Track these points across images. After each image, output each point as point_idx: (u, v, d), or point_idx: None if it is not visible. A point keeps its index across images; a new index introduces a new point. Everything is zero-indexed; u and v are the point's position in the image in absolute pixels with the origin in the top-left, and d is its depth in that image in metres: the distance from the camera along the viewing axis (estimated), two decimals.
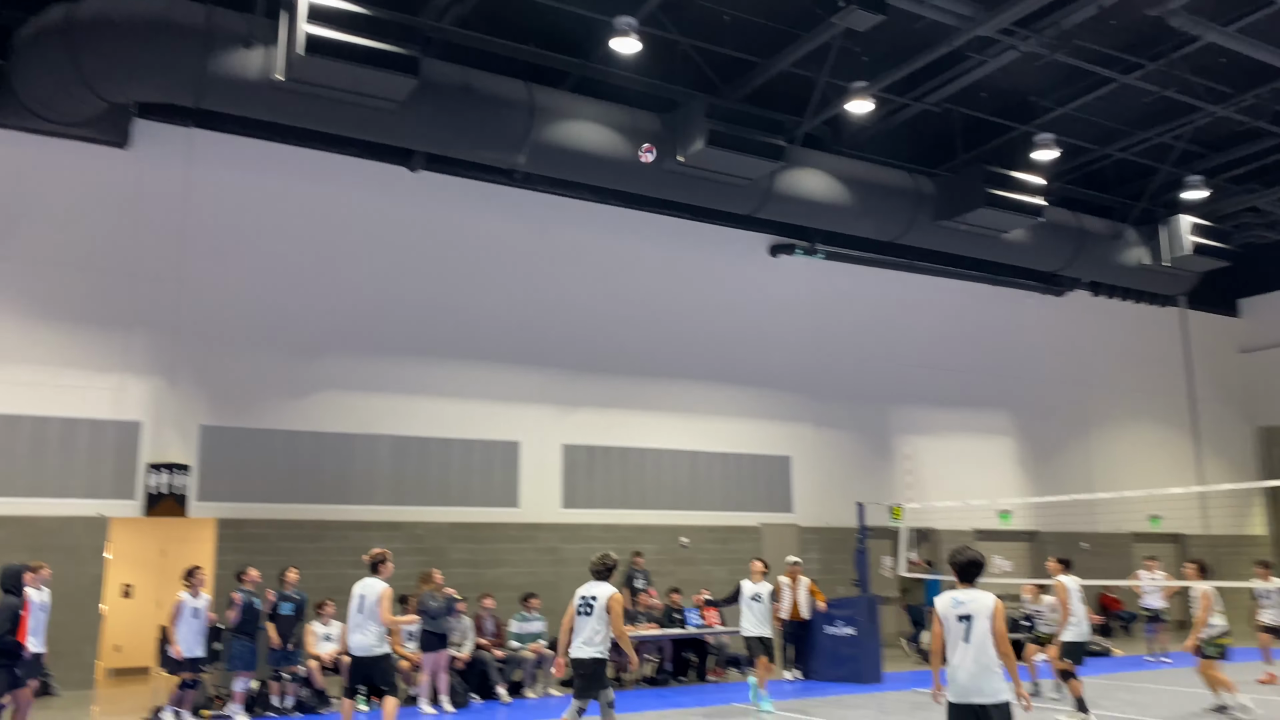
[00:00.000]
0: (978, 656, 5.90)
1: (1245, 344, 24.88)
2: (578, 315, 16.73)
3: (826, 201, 16.70)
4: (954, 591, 6.16)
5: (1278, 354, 24.11)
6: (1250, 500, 23.96)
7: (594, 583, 8.18)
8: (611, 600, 7.97)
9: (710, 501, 17.37)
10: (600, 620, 7.93)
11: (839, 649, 13.86)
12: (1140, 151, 18.74)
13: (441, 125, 13.81)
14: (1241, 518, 23.69)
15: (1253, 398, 24.59)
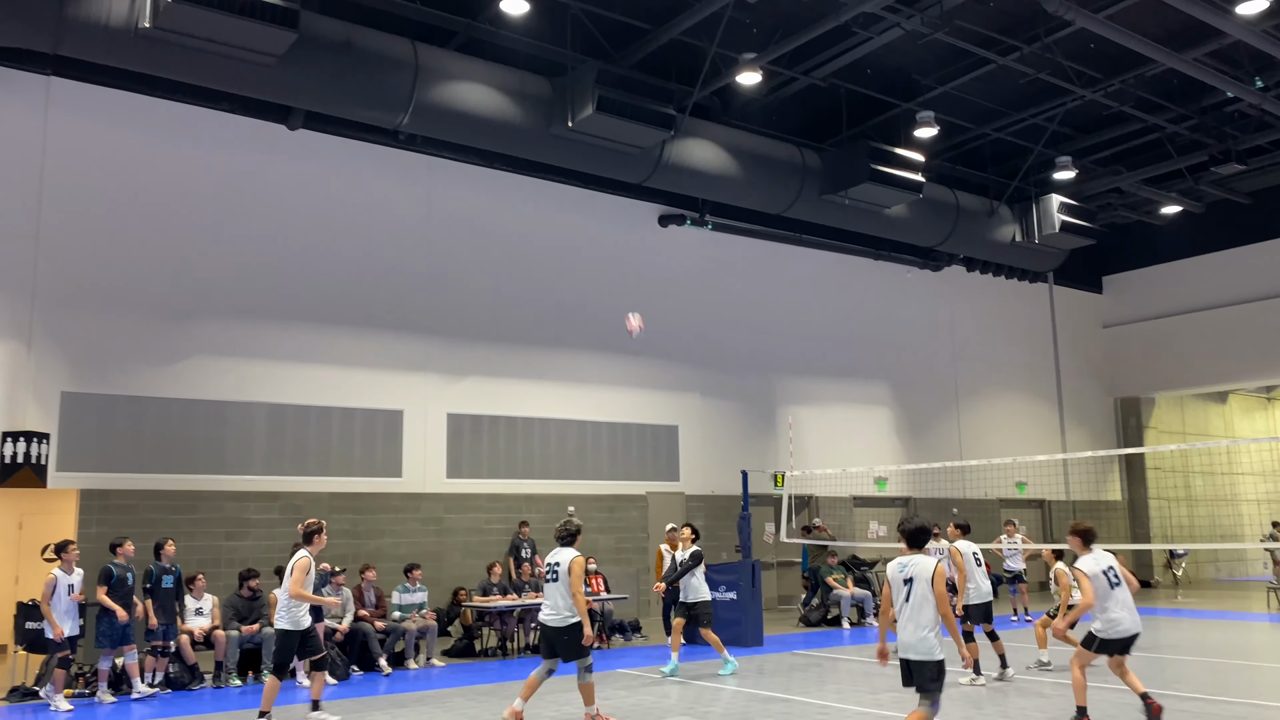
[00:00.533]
0: (914, 616, 6.36)
1: (1107, 319, 26.21)
2: (464, 282, 16.45)
3: (716, 172, 16.80)
4: (902, 556, 6.58)
5: (1136, 329, 25.49)
6: (1109, 468, 25.36)
7: (559, 549, 8.50)
8: (573, 564, 8.27)
9: (598, 471, 17.41)
10: (567, 585, 8.24)
11: (721, 614, 14.08)
12: (1015, 132, 19.41)
13: (322, 82, 13.30)
14: (1100, 484, 25.06)
15: (1112, 370, 25.96)
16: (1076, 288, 25.79)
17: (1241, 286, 23.59)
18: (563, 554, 8.40)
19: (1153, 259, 25.30)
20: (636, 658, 12.93)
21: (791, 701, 9.45)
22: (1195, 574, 25.60)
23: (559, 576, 8.29)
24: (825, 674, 11.16)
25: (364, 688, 10.87)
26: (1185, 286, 24.62)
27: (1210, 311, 23.95)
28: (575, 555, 8.37)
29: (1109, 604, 7.80)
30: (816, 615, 16.89)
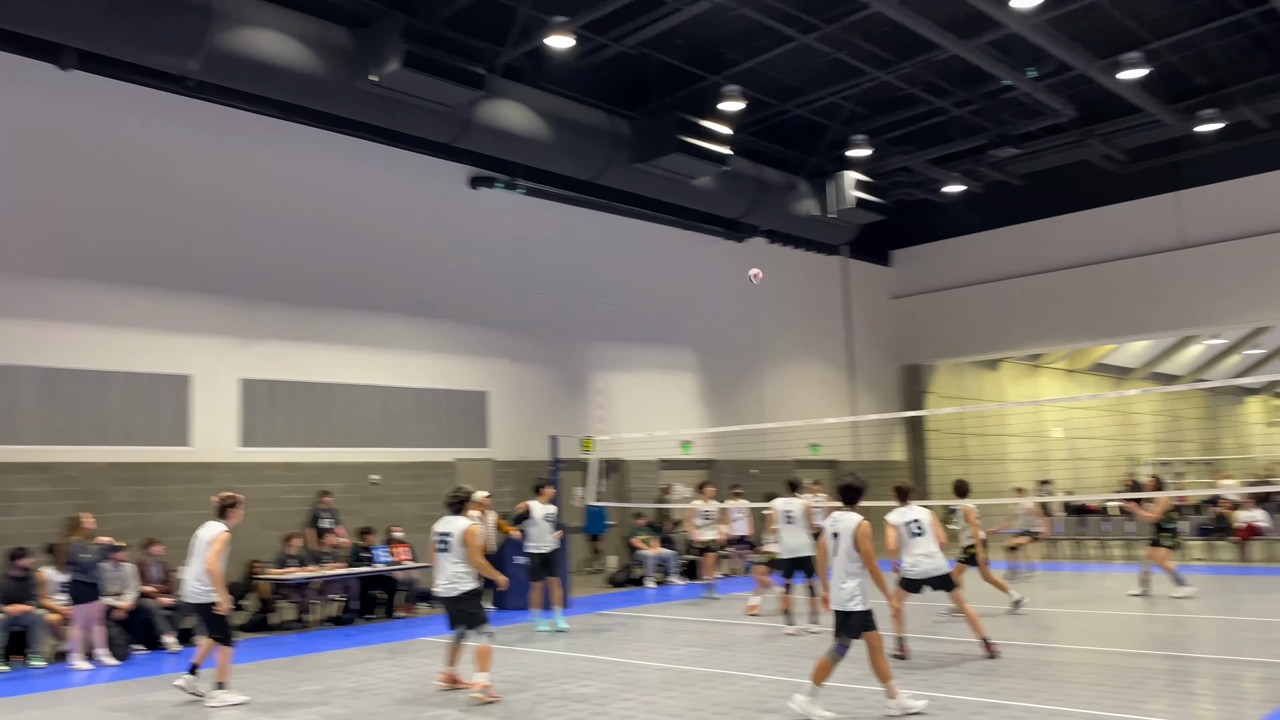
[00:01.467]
0: (843, 567, 6.97)
1: (895, 291, 27.82)
2: (259, 240, 15.63)
3: (527, 135, 16.64)
4: (836, 513, 7.20)
5: (920, 300, 27.20)
6: (893, 430, 27.04)
7: (448, 518, 8.33)
8: (466, 533, 8.13)
9: (403, 438, 17.03)
10: (459, 554, 8.13)
11: (528, 577, 14.16)
12: (815, 109, 20.20)
13: (101, 19, 12.21)
14: (886, 445, 26.70)
15: (898, 339, 27.62)
16: (868, 261, 27.22)
17: (1013, 263, 25.56)
18: (454, 522, 8.27)
19: (936, 235, 27.01)
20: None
21: (594, 660, 9.64)
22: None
23: (450, 546, 8.17)
24: (629, 632, 11.44)
25: (146, 667, 10.29)
26: (965, 262, 26.43)
27: (986, 285, 25.84)
28: (468, 524, 8.22)
29: (910, 550, 9.31)
30: (622, 576, 17.25)
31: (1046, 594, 14.05)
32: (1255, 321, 22.84)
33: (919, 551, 9.31)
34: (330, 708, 7.83)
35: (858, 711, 7.14)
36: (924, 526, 9.40)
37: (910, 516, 9.47)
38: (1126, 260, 23.64)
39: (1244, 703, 7.06)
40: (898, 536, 9.39)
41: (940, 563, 9.32)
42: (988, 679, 8.08)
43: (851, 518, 7.05)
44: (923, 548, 9.32)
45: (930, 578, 9.33)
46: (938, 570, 9.30)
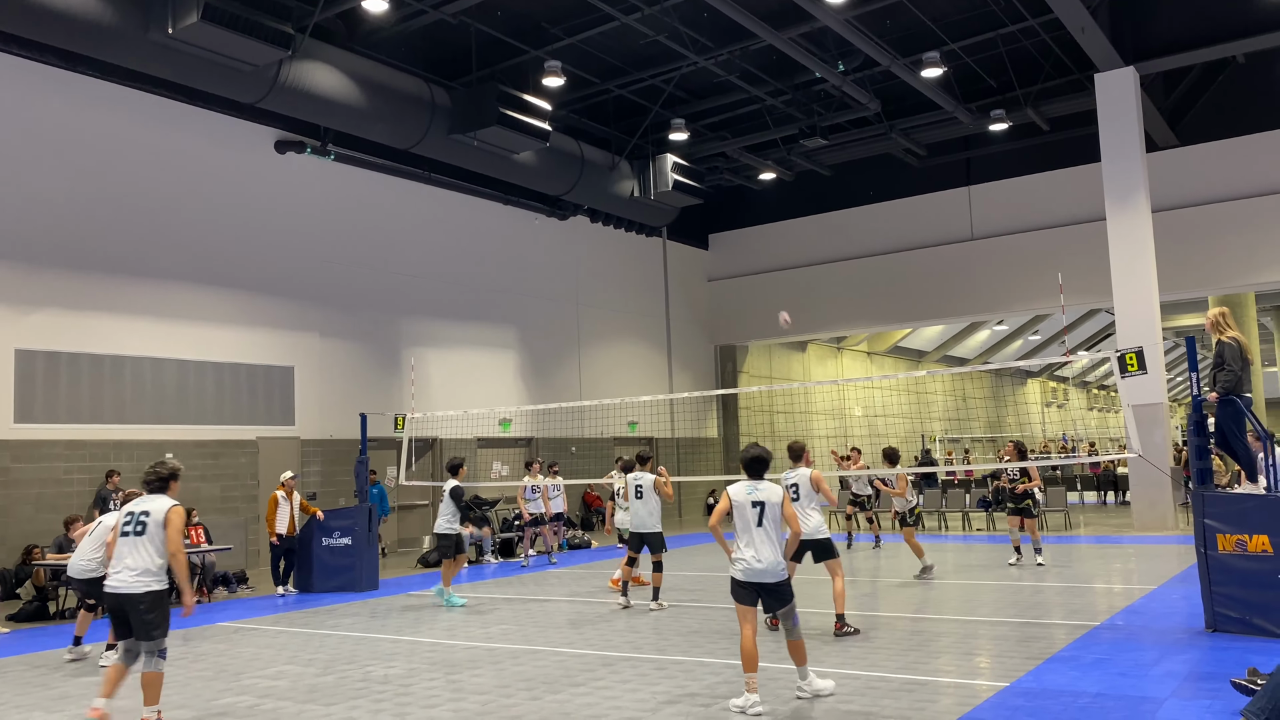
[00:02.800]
0: (768, 540, 6.53)
1: (711, 273, 28.51)
2: (38, 200, 14.38)
3: (339, 100, 16.02)
4: (746, 482, 6.76)
5: (735, 283, 27.99)
6: (708, 408, 27.78)
7: (148, 496, 6.66)
8: (170, 514, 6.51)
9: (201, 414, 16.13)
10: (161, 542, 6.47)
11: (335, 560, 13.77)
12: (636, 91, 20.38)
13: None
14: (701, 423, 27.40)
15: (714, 320, 28.36)
16: (686, 243, 27.77)
17: (821, 249, 26.66)
18: (154, 502, 6.61)
19: (751, 220, 27.85)
20: (241, 609, 12.27)
21: (400, 641, 9.46)
22: None
23: (146, 529, 6.47)
24: (438, 613, 11.28)
25: None
26: (776, 246, 27.37)
27: (795, 270, 26.85)
28: (172, 504, 6.60)
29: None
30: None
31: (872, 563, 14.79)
32: (1035, 309, 24.74)
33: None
34: (112, 700, 7.35)
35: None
36: (800, 492, 9.18)
37: (790, 480, 9.21)
38: (923, 250, 25.10)
39: (1011, 659, 7.66)
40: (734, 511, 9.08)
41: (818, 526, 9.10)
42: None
43: (776, 488, 6.71)
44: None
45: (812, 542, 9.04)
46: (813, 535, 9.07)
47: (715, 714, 6.28)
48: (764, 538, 6.57)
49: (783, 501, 6.67)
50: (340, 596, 13.08)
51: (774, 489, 6.72)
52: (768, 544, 6.56)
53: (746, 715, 6.28)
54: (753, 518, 6.61)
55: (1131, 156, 18.54)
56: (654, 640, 8.98)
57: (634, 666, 7.86)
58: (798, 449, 9.50)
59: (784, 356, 31.42)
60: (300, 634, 10.12)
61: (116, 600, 6.41)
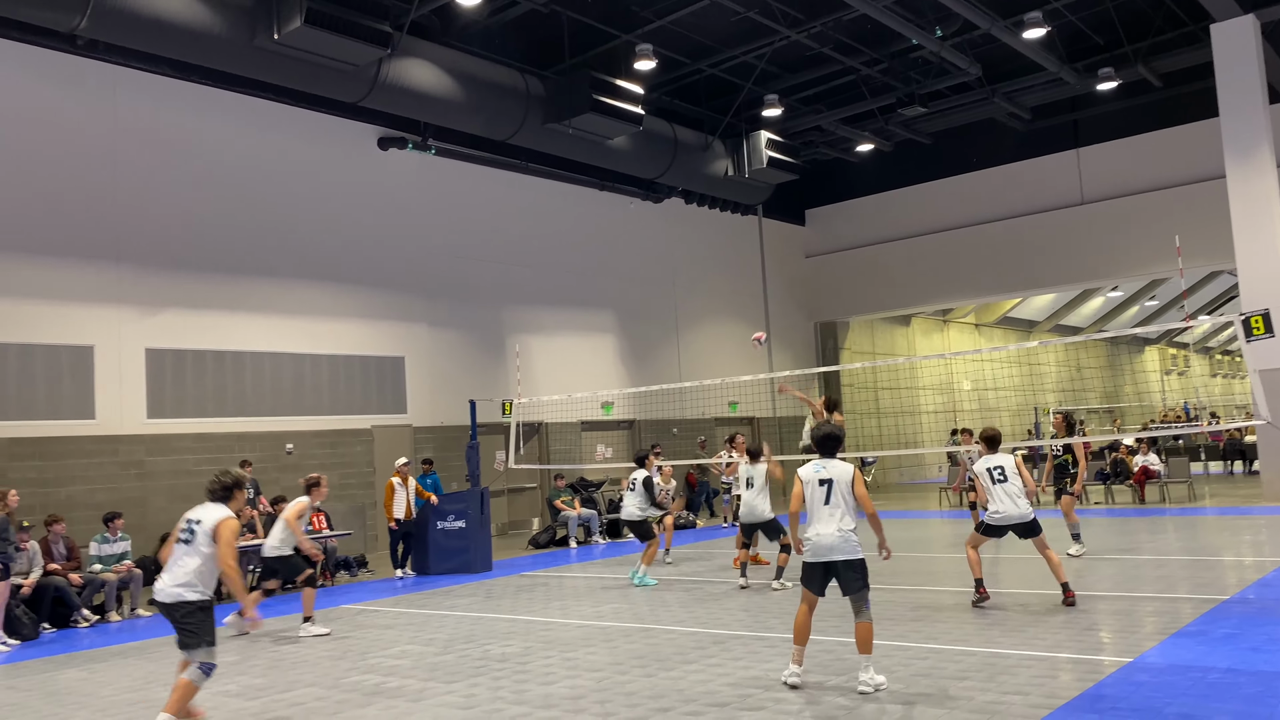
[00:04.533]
0: (837, 518, 6.44)
1: (809, 249, 28.19)
2: (161, 205, 15.11)
3: (437, 95, 16.36)
4: (816, 461, 6.71)
5: (834, 258, 27.62)
6: (809, 386, 27.53)
7: (207, 504, 6.36)
8: (221, 527, 6.15)
9: (318, 405, 16.77)
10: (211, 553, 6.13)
11: (450, 542, 14.17)
12: (728, 69, 20.24)
13: None
14: (802, 402, 27.13)
15: (813, 297, 28.05)
16: (783, 220, 27.50)
17: (923, 220, 26.10)
18: (208, 511, 6.30)
19: (849, 194, 27.41)
20: (362, 592, 12.76)
21: (516, 620, 9.71)
22: (883, 479, 28.49)
23: (195, 537, 6.15)
24: (551, 592, 11.53)
25: (58, 645, 10.03)
26: (876, 219, 26.89)
27: (897, 243, 26.34)
28: (226, 515, 6.25)
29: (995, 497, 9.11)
30: (545, 537, 17.32)
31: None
32: (1151, 273, 23.76)
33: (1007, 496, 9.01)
34: (247, 678, 7.76)
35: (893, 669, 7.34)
36: (1008, 473, 9.13)
37: (994, 463, 9.20)
38: (1031, 216, 24.34)
39: (1135, 635, 7.45)
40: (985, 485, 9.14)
41: (1026, 510, 9.03)
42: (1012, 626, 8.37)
43: (844, 466, 6.65)
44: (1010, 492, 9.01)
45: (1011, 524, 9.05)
46: (1023, 518, 9.00)
47: (830, 690, 6.28)
48: (830, 515, 6.48)
49: (853, 481, 6.56)
50: (456, 578, 13.47)
51: (843, 467, 6.63)
52: (834, 521, 6.46)
53: (785, 683, 6.39)
54: (820, 495, 6.55)
55: (1253, 109, 17.62)
56: (766, 619, 9.01)
57: (745, 645, 7.91)
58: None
59: (887, 331, 30.89)
60: (419, 614, 10.48)
61: (161, 609, 6.16)
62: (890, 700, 5.96)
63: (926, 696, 6.00)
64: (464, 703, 6.53)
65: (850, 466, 6.66)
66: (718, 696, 6.30)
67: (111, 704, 7.17)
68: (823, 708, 5.88)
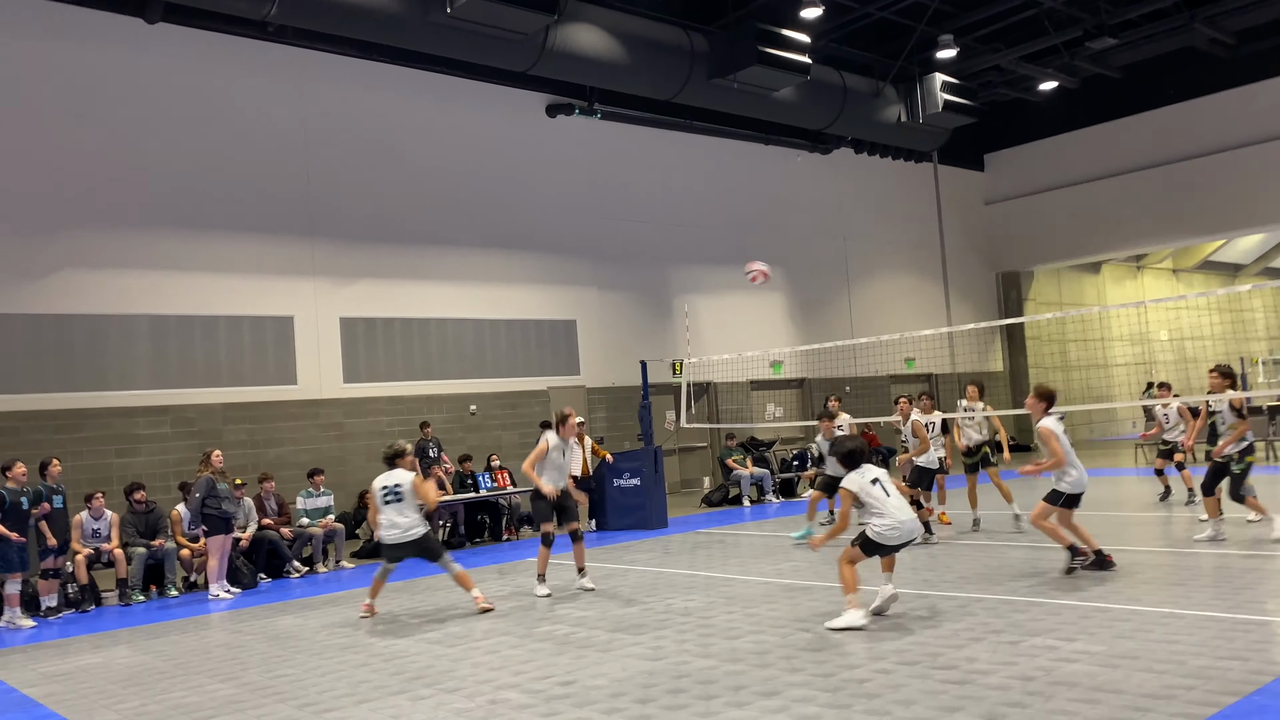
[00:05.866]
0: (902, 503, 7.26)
1: (989, 196, 26.95)
2: (348, 181, 15.92)
3: (602, 58, 16.47)
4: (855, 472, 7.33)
5: (1016, 204, 26.30)
6: (991, 339, 26.46)
7: (390, 472, 8.76)
8: (415, 483, 8.67)
9: (497, 368, 17.37)
10: (413, 502, 8.63)
11: (626, 500, 14.45)
12: (898, 10, 19.46)
13: None
14: (984, 356, 26.17)
15: (994, 246, 26.84)
16: (959, 166, 26.37)
17: (1113, 160, 24.47)
18: (398, 476, 8.71)
19: (1031, 136, 25.98)
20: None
21: (696, 575, 9.82)
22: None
23: (402, 497, 8.61)
24: (728, 550, 11.59)
25: (274, 594, 10.85)
26: (1061, 162, 25.41)
27: (1084, 186, 24.83)
28: (412, 476, 8.75)
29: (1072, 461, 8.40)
30: (718, 495, 17.41)
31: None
32: None
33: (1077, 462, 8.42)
34: (448, 626, 8.16)
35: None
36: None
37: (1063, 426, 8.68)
38: (1237, 150, 22.44)
39: None
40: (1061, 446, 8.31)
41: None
42: (1105, 583, 8.00)
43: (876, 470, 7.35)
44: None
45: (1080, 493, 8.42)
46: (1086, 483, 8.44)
47: (1024, 651, 6.06)
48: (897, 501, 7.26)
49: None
50: (633, 534, 13.74)
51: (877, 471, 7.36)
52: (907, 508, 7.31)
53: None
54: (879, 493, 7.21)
55: None
56: (953, 579, 8.77)
57: (930, 604, 7.72)
58: None
59: (1075, 280, 29.26)
60: (601, 568, 10.75)
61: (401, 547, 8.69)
62: (1091, 663, 5.70)
63: (1132, 660, 5.70)
64: (651, 654, 6.67)
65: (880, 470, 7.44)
66: (906, 655, 6.18)
67: (325, 646, 7.70)
68: (1019, 667, 5.68)
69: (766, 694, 5.55)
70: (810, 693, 5.51)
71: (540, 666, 6.55)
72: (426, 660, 6.98)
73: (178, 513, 11.74)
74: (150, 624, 9.48)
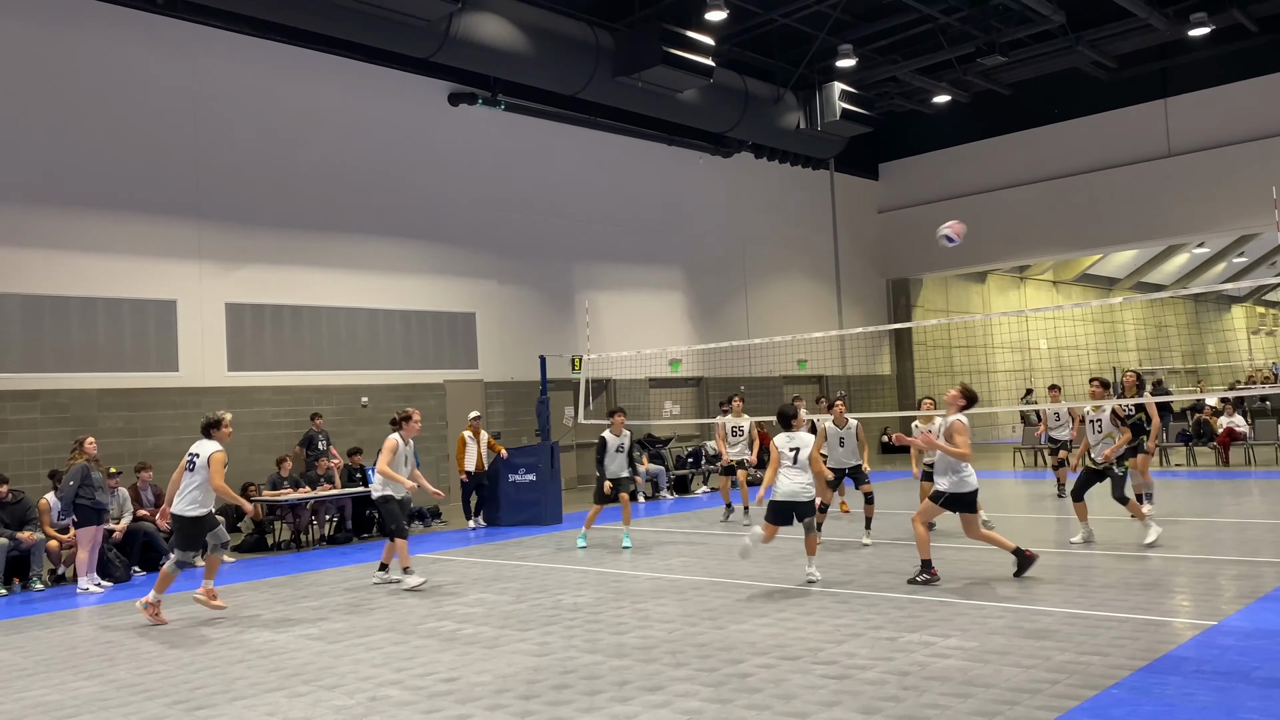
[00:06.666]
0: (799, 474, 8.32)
1: (882, 204, 27.68)
2: (238, 162, 15.41)
3: (507, 49, 16.33)
4: (786, 434, 8.46)
5: (908, 213, 27.08)
6: (880, 344, 27.19)
7: (200, 441, 8.57)
8: (212, 458, 8.32)
9: (392, 360, 17.06)
10: (200, 476, 8.36)
11: (521, 495, 14.37)
12: (800, 18, 19.80)
13: None
14: (873, 360, 26.87)
15: (885, 253, 27.59)
16: (855, 174, 27.01)
17: (1000, 174, 25.40)
18: (201, 445, 8.50)
19: (924, 147, 26.78)
20: (436, 542, 13.04)
21: (587, 571, 9.83)
22: None
23: (194, 466, 8.36)
24: (620, 546, 11.63)
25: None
26: (952, 173, 26.26)
27: (973, 197, 25.71)
28: (216, 448, 8.41)
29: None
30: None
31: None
32: (1241, 228, 22.85)
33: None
34: (329, 623, 7.99)
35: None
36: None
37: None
38: (1114, 169, 23.54)
39: (1219, 598, 7.26)
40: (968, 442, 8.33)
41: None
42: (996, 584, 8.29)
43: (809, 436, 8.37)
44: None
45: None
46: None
47: (901, 646, 6.25)
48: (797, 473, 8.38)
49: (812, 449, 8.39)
50: (527, 530, 13.67)
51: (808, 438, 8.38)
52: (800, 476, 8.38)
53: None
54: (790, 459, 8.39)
55: None
56: (838, 575, 8.99)
57: (816, 600, 7.90)
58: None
59: (961, 288, 30.28)
60: (492, 565, 10.67)
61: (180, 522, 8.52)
62: (963, 658, 5.91)
63: (1001, 655, 5.94)
64: (538, 650, 6.65)
65: (812, 437, 8.44)
66: (788, 650, 6.31)
67: (200, 642, 7.45)
68: (895, 663, 5.86)
69: (650, 689, 5.59)
70: (694, 687, 5.58)
71: (423, 663, 6.47)
72: (306, 656, 6.82)
73: (46, 502, 11.19)
74: (12, 619, 9.01)
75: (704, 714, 5.10)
